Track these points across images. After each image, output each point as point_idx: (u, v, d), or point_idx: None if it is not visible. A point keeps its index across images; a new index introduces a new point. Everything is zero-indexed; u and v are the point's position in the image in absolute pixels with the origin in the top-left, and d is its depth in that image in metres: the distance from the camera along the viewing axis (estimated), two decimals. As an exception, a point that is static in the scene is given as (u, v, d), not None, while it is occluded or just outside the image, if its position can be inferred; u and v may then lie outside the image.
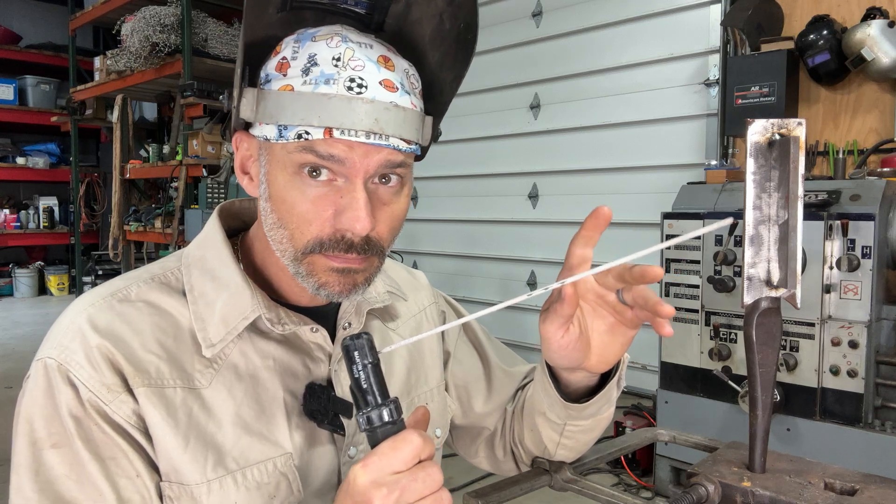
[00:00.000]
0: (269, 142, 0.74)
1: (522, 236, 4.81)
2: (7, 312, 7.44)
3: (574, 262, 0.75)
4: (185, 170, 5.38)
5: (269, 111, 0.73)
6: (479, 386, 1.03)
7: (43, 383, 0.73)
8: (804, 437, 2.45)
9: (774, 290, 0.77)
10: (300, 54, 0.73)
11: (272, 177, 0.75)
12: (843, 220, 2.34)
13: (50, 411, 0.72)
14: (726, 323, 2.64)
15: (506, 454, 1.03)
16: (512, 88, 4.79)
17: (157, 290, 0.80)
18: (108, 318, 0.76)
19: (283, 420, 0.80)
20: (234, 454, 0.76)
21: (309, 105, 0.71)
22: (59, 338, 0.75)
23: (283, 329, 0.80)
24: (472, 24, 0.79)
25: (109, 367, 0.73)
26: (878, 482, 0.76)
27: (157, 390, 0.74)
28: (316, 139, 0.71)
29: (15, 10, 8.89)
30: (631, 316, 0.75)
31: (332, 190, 0.73)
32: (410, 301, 1.01)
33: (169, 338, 0.77)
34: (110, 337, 0.74)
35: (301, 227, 0.74)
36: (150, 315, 0.78)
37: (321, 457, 0.83)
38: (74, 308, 0.78)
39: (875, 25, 2.85)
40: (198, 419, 0.76)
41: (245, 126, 0.78)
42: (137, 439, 0.74)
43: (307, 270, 0.76)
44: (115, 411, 0.72)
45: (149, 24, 5.36)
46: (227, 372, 0.78)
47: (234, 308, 0.79)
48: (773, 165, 0.76)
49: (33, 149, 8.65)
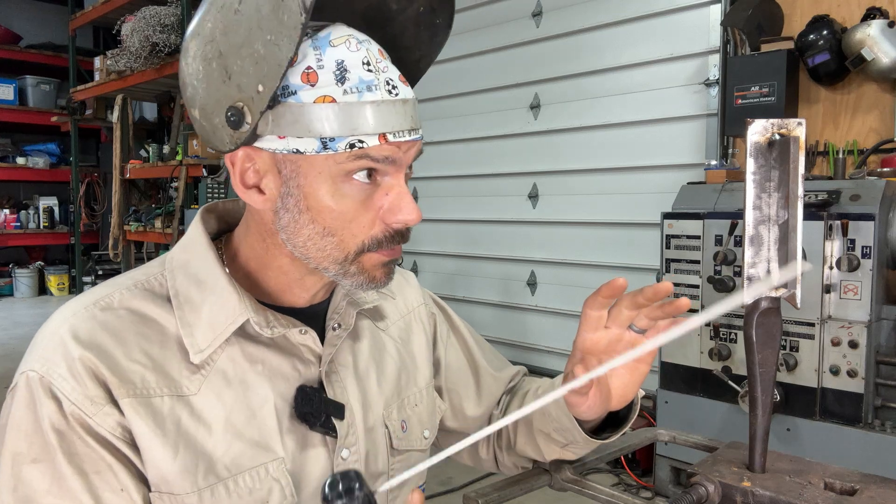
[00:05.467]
0: (304, 154, 0.71)
1: (522, 236, 4.81)
2: (7, 312, 7.44)
3: (591, 324, 0.80)
4: (185, 170, 5.38)
5: (305, 125, 0.70)
6: (468, 391, 1.04)
7: (25, 396, 0.72)
8: (804, 437, 2.45)
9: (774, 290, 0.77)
10: (325, 61, 0.71)
11: (309, 189, 0.73)
12: (843, 220, 2.34)
13: (31, 425, 0.71)
14: (726, 323, 2.64)
15: (489, 454, 1.07)
16: (512, 88, 4.79)
17: (140, 297, 0.78)
18: (90, 328, 0.74)
19: (275, 424, 0.79)
20: (226, 461, 0.75)
21: (360, 115, 0.70)
22: (42, 350, 0.73)
23: (272, 332, 0.79)
24: (437, 8, 0.80)
25: (92, 379, 0.71)
26: (878, 482, 0.76)
27: (144, 400, 0.73)
28: (371, 146, 0.71)
29: (15, 10, 8.88)
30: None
31: (378, 188, 0.75)
32: (399, 301, 1.01)
33: (154, 345, 0.76)
34: (93, 348, 0.72)
35: (354, 231, 0.75)
36: (133, 323, 0.76)
37: (314, 460, 0.82)
38: (56, 318, 0.76)
39: (875, 25, 2.85)
40: (187, 427, 0.74)
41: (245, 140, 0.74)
42: (123, 451, 0.72)
43: (357, 269, 0.77)
44: (99, 424, 0.71)
45: (149, 24, 5.36)
46: (216, 377, 0.77)
47: (220, 312, 0.78)
48: (773, 165, 0.76)
49: (33, 149, 8.65)
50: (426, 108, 5.31)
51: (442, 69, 5.10)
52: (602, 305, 0.79)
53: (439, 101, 5.16)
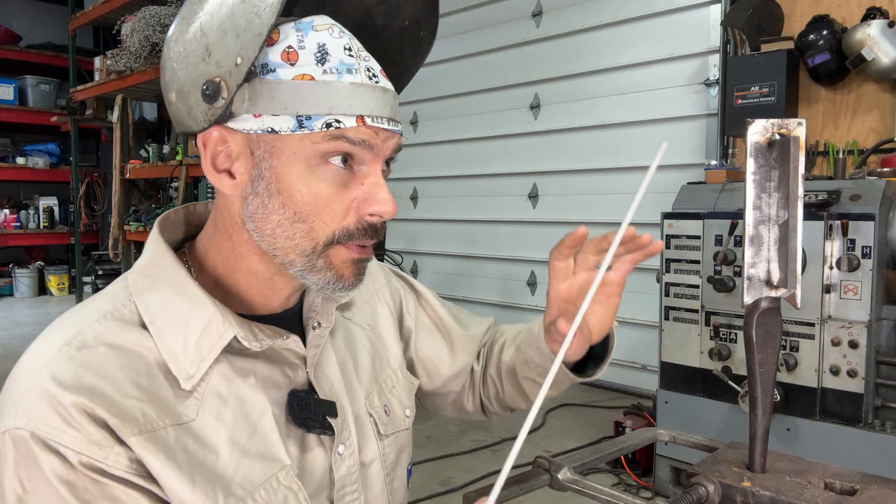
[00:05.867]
0: (278, 134, 0.71)
1: (522, 236, 4.81)
2: (7, 312, 7.44)
3: (560, 274, 0.86)
4: (185, 170, 5.38)
5: (282, 102, 0.70)
6: (442, 355, 1.06)
7: (17, 457, 0.66)
8: (804, 437, 2.45)
9: (774, 290, 0.77)
10: (307, 43, 0.71)
11: (283, 170, 0.72)
12: (843, 220, 2.34)
13: (36, 483, 0.66)
14: (726, 323, 2.64)
15: (475, 407, 1.11)
16: (512, 88, 4.79)
17: (114, 330, 0.73)
18: (73, 370, 0.68)
19: (276, 434, 0.78)
20: (238, 480, 0.74)
21: (338, 94, 0.70)
22: (22, 405, 0.67)
23: (260, 345, 0.77)
24: (423, 20, 0.81)
25: (92, 423, 0.67)
26: (878, 482, 0.76)
27: (150, 435, 0.69)
28: (348, 127, 0.71)
29: (15, 10, 8.89)
30: (616, 278, 0.85)
31: (353, 177, 0.74)
32: (362, 285, 1.00)
33: (142, 377, 0.71)
34: (83, 391, 0.67)
35: (325, 218, 0.73)
36: (115, 357, 0.71)
37: (315, 460, 0.82)
38: (29, 368, 0.70)
39: (875, 25, 2.85)
40: (195, 454, 0.72)
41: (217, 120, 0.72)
42: (143, 485, 0.69)
43: (325, 264, 0.75)
44: (112, 466, 0.67)
45: (149, 24, 5.36)
46: (211, 399, 0.74)
47: (205, 333, 0.74)
48: (773, 165, 0.76)
49: (33, 149, 8.65)
50: (426, 108, 5.31)
51: (442, 69, 5.10)
52: (567, 255, 0.84)
53: (439, 101, 5.16)
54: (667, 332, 2.82)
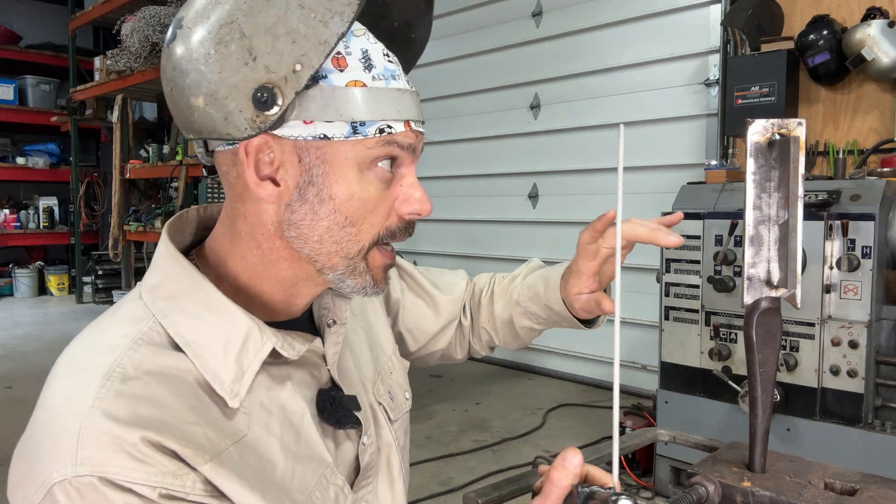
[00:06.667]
0: (330, 140, 0.70)
1: (522, 236, 4.81)
2: (7, 312, 7.44)
3: (590, 254, 0.97)
4: (185, 170, 5.38)
5: (336, 108, 0.70)
6: (427, 319, 1.12)
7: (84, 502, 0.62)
8: (804, 437, 2.45)
9: (774, 290, 0.77)
10: (352, 49, 0.72)
11: (335, 176, 0.72)
12: (843, 220, 2.34)
13: None
14: (726, 323, 2.64)
15: (464, 355, 1.19)
16: (512, 88, 4.79)
17: (151, 356, 0.70)
18: (126, 405, 0.65)
19: (317, 434, 0.79)
20: (296, 486, 0.75)
21: (388, 100, 0.72)
22: (75, 452, 0.62)
23: (297, 353, 0.77)
24: (414, 22, 0.83)
25: (163, 454, 0.64)
26: (878, 482, 0.76)
27: (219, 459, 0.68)
28: (398, 132, 0.73)
29: (15, 10, 8.89)
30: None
31: (393, 178, 0.77)
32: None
33: (192, 400, 0.70)
34: (146, 425, 0.64)
35: (372, 220, 0.75)
36: (161, 385, 0.68)
37: (346, 453, 0.85)
38: (71, 410, 0.65)
39: (875, 25, 2.85)
40: (258, 469, 0.72)
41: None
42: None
43: (365, 267, 0.77)
44: (190, 493, 0.65)
45: (149, 24, 5.37)
46: (257, 411, 0.74)
47: (243, 348, 0.73)
48: (773, 165, 0.76)
49: (33, 149, 8.65)
50: (426, 108, 5.27)
51: (442, 69, 5.10)
52: (596, 238, 0.94)
53: (439, 101, 5.16)
54: (667, 332, 2.82)
